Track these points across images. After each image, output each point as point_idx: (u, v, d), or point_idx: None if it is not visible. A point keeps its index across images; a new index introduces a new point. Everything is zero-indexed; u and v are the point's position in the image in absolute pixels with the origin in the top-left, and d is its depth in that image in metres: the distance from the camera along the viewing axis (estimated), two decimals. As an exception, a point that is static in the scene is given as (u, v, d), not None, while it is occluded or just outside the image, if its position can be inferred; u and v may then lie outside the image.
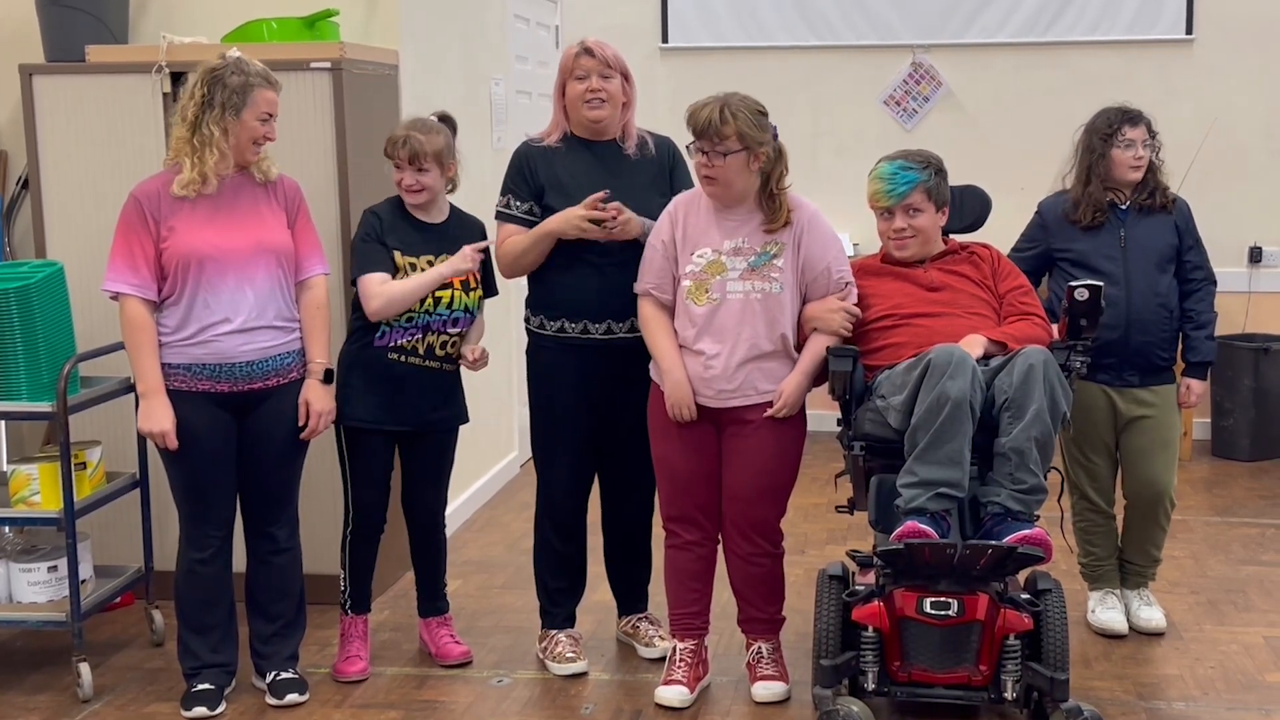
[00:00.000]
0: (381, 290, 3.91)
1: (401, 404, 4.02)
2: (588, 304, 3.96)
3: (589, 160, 4.00)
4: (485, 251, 4.05)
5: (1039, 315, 3.83)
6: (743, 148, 3.66)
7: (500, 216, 4.04)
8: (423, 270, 3.96)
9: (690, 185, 4.07)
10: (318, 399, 3.89)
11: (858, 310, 3.80)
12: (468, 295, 4.02)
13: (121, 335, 3.79)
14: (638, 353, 3.92)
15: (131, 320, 3.73)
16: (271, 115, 3.77)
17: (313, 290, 3.91)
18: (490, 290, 4.16)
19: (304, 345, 3.89)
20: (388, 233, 3.98)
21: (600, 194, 3.85)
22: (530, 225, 3.97)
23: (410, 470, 4.16)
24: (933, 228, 3.88)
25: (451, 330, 4.01)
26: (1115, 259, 4.21)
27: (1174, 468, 4.33)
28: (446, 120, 4.09)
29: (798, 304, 3.81)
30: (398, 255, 3.96)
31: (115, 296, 3.74)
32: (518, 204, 4.00)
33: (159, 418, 3.72)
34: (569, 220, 3.87)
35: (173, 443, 3.74)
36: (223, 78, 3.69)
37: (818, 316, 3.80)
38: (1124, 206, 4.26)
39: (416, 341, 3.97)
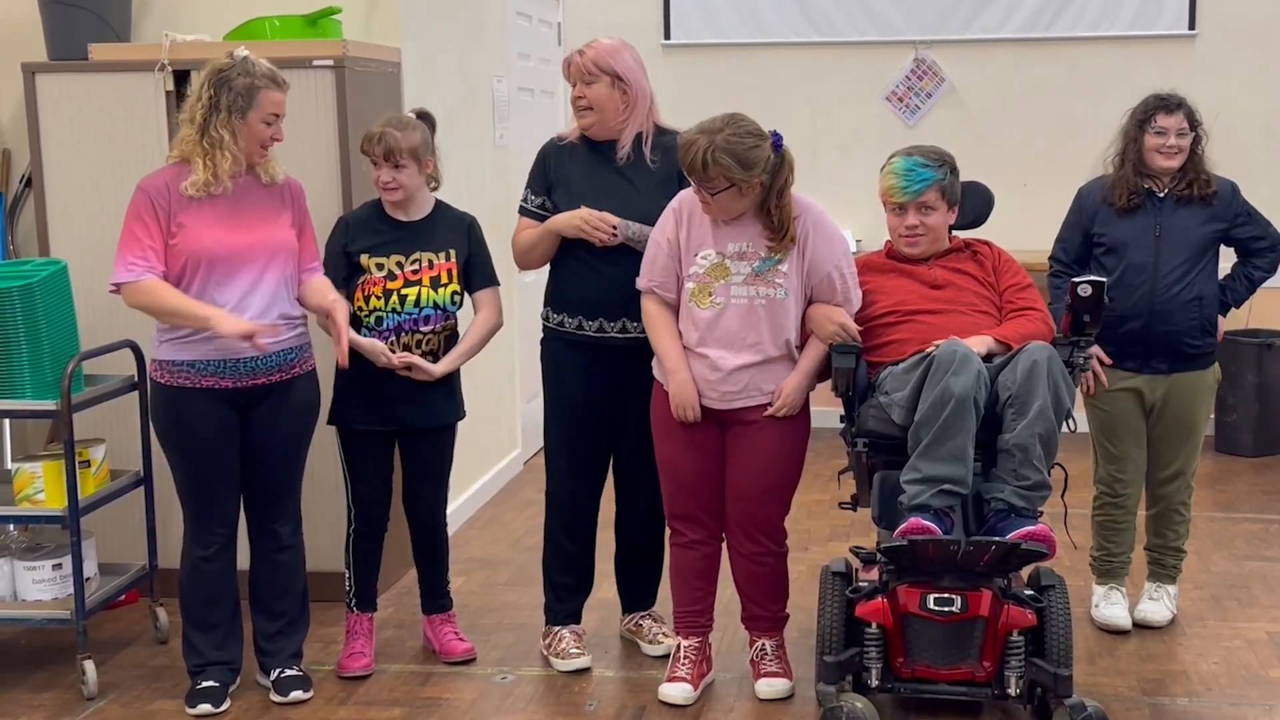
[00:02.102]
0: None
1: (389, 404, 4.02)
2: (603, 303, 3.96)
3: (595, 161, 4.00)
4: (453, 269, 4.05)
5: (1037, 309, 3.83)
6: (730, 185, 3.64)
7: (520, 210, 4.09)
8: (391, 270, 3.96)
9: None
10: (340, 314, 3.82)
11: (855, 329, 3.78)
12: (435, 292, 4.00)
13: (150, 308, 3.69)
14: (651, 352, 3.91)
15: (155, 287, 3.65)
16: (279, 116, 3.76)
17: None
18: (480, 283, 4.10)
19: (309, 338, 3.92)
20: (355, 237, 4.00)
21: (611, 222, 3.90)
22: (541, 219, 4.01)
23: (409, 468, 4.16)
24: (943, 226, 3.88)
25: (424, 328, 4.00)
26: (1149, 248, 4.20)
27: (1194, 456, 4.35)
28: (425, 117, 4.08)
29: (802, 308, 3.80)
30: (364, 258, 3.98)
31: (117, 289, 3.71)
32: (532, 198, 4.06)
33: (233, 322, 3.64)
34: (570, 221, 3.91)
35: (262, 334, 3.66)
36: (229, 79, 3.68)
37: (814, 320, 3.79)
38: (1161, 195, 4.25)
39: (391, 343, 3.97)
